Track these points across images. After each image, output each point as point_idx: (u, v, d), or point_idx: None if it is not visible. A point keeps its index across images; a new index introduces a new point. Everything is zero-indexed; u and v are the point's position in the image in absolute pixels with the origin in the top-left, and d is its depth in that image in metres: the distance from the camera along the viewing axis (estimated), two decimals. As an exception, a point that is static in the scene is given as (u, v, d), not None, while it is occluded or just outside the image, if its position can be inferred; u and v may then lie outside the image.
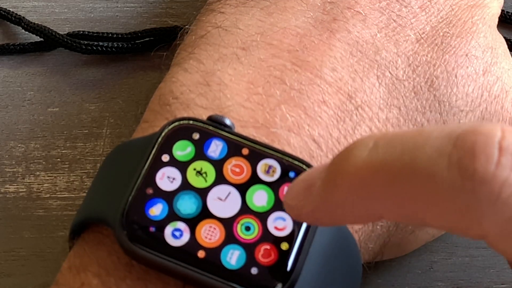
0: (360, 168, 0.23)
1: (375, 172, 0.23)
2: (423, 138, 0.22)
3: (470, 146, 0.21)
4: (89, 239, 0.30)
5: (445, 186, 0.21)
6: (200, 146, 0.30)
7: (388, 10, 0.34)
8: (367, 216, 0.24)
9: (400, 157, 0.22)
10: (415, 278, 0.37)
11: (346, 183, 0.23)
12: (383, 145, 0.23)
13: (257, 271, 0.28)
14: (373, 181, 0.23)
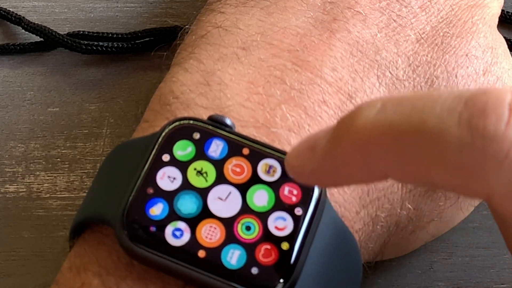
0: (367, 127, 0.23)
1: (383, 131, 0.23)
2: (433, 98, 0.23)
3: (481, 106, 0.22)
4: (89, 238, 0.30)
5: (454, 143, 0.22)
6: (201, 146, 0.30)
7: (388, 10, 0.34)
8: (371, 175, 0.24)
9: (409, 116, 0.23)
10: (415, 278, 0.37)
11: (352, 141, 0.24)
12: (391, 106, 0.23)
13: (257, 271, 0.28)
14: (381, 140, 0.23)
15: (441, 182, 0.23)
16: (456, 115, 0.22)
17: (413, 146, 0.23)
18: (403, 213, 0.33)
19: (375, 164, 0.24)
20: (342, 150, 0.24)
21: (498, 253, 0.38)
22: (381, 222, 0.32)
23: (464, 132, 0.22)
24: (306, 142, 0.26)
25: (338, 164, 0.24)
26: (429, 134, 0.22)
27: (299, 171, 0.25)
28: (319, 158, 0.25)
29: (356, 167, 0.24)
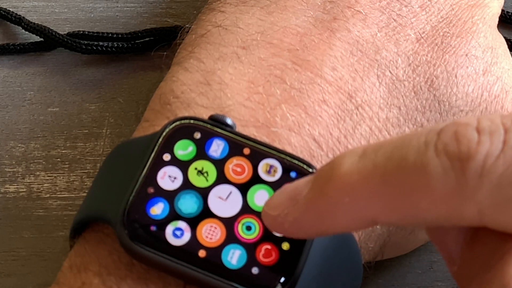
0: (352, 172, 0.24)
1: (368, 174, 0.24)
2: (409, 137, 0.24)
3: (453, 134, 0.24)
4: (90, 238, 0.30)
5: (436, 171, 0.23)
6: (202, 146, 0.30)
7: (388, 10, 0.34)
8: (358, 221, 0.25)
9: (391, 156, 0.24)
10: (415, 278, 0.37)
11: (338, 187, 0.25)
12: (372, 150, 0.25)
13: (258, 270, 0.28)
14: (367, 183, 0.24)
15: (430, 215, 0.24)
16: (432, 146, 0.24)
17: (399, 183, 0.24)
18: (403, 213, 0.33)
19: (362, 209, 0.25)
20: (327, 197, 0.25)
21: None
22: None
23: (443, 159, 0.23)
24: (283, 193, 0.26)
25: (323, 212, 0.25)
26: (412, 168, 0.24)
27: (280, 221, 0.26)
28: (302, 207, 0.25)
29: (342, 214, 0.25)
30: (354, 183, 0.24)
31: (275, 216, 0.26)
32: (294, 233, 0.26)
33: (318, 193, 0.25)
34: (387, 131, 0.32)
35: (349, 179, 0.24)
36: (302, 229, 0.26)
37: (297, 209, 0.26)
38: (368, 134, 0.32)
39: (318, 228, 0.26)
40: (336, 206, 0.25)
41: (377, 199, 0.24)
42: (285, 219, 0.26)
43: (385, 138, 0.32)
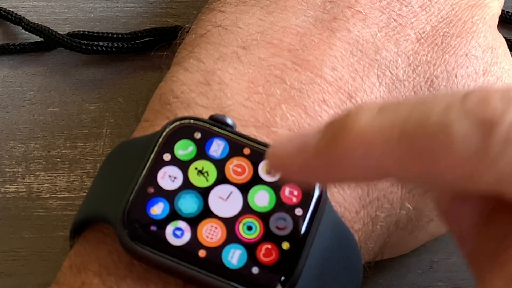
0: (369, 127, 0.24)
1: (385, 131, 0.24)
2: (430, 99, 0.24)
3: (480, 97, 0.23)
4: (90, 238, 0.30)
5: (459, 133, 0.23)
6: (202, 146, 0.30)
7: (388, 9, 0.34)
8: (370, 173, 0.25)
9: (410, 115, 0.23)
10: (415, 278, 0.37)
11: (352, 140, 0.24)
12: (391, 108, 0.24)
13: (258, 270, 0.28)
14: (382, 140, 0.24)
15: (448, 176, 0.23)
16: (456, 108, 0.23)
17: (419, 142, 0.23)
18: (403, 213, 0.33)
19: (375, 162, 0.24)
20: (340, 147, 0.24)
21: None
22: (380, 222, 0.32)
23: (468, 121, 0.23)
24: (292, 140, 0.26)
25: (333, 161, 0.25)
26: (433, 128, 0.23)
27: (287, 164, 0.25)
28: (312, 155, 0.25)
29: (354, 165, 0.24)
30: (370, 137, 0.24)
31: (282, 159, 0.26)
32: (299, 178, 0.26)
33: (330, 144, 0.25)
34: (387, 131, 0.32)
35: (366, 133, 0.24)
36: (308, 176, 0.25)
37: (307, 156, 0.25)
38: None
39: (325, 177, 0.25)
40: (348, 157, 0.24)
41: (393, 155, 0.24)
42: (292, 163, 0.25)
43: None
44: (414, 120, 0.23)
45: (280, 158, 0.26)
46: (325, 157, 0.25)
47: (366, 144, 0.24)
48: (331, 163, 0.25)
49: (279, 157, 0.26)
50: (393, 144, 0.24)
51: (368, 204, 0.32)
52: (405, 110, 0.24)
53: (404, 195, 0.33)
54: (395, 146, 0.24)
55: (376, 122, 0.24)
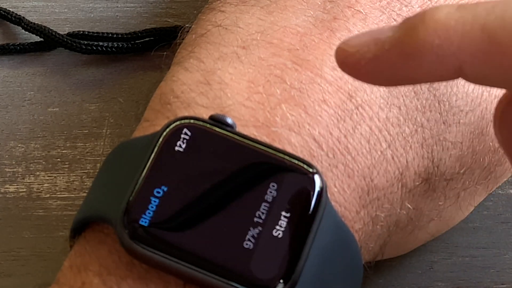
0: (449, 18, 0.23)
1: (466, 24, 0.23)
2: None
3: None
4: (90, 238, 0.30)
5: None
6: (202, 145, 0.30)
7: (388, 9, 0.34)
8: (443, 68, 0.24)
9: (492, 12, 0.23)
10: (415, 278, 0.37)
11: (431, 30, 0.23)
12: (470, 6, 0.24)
13: (258, 270, 0.28)
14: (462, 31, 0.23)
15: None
16: None
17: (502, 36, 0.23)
18: (403, 213, 0.33)
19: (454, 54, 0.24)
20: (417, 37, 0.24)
21: (498, 253, 0.38)
22: (381, 222, 0.32)
23: None
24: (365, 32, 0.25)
25: (411, 52, 0.24)
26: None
27: (357, 58, 0.24)
28: (387, 45, 0.24)
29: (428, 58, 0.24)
30: (452, 27, 0.23)
31: (352, 53, 0.25)
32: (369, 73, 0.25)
33: (408, 33, 0.24)
34: (387, 131, 0.32)
35: (447, 23, 0.23)
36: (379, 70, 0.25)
37: (381, 47, 0.24)
38: (368, 134, 0.32)
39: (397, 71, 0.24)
40: (426, 47, 0.24)
41: (473, 47, 0.23)
42: (362, 56, 0.24)
43: (385, 138, 0.32)
44: (496, 16, 0.23)
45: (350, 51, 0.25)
46: (402, 48, 0.24)
47: (446, 34, 0.23)
48: (408, 55, 0.24)
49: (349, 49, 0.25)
50: (474, 36, 0.23)
51: (368, 204, 0.32)
52: (486, 7, 0.23)
53: (404, 195, 0.33)
54: (477, 38, 0.23)
55: (456, 16, 0.24)
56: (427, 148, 0.33)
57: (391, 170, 0.32)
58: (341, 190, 0.31)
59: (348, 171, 0.31)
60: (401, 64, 0.24)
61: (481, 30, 0.23)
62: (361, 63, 0.25)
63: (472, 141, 0.34)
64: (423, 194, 0.34)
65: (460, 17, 0.24)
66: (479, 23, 0.23)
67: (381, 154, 0.32)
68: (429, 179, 0.33)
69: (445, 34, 0.24)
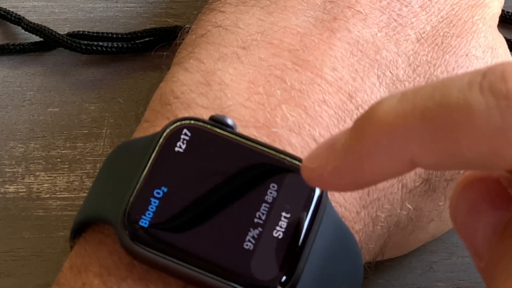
0: (391, 113, 0.24)
1: (408, 113, 0.24)
2: (450, 79, 0.24)
3: (500, 73, 0.23)
4: (90, 238, 0.30)
5: (480, 109, 0.23)
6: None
7: (388, 10, 0.34)
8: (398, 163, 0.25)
9: (431, 97, 0.24)
10: (415, 278, 0.37)
11: (377, 128, 0.24)
12: (411, 92, 0.24)
13: (258, 271, 0.28)
14: (407, 122, 0.24)
15: (471, 153, 0.23)
16: (477, 85, 0.23)
17: (440, 120, 0.23)
18: (403, 213, 0.33)
19: (401, 149, 0.24)
20: (366, 139, 0.24)
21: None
22: (381, 222, 0.32)
23: (488, 96, 0.23)
24: (322, 144, 0.26)
25: (362, 156, 0.24)
26: (454, 106, 0.23)
27: (319, 172, 0.25)
28: (341, 154, 0.25)
29: (381, 157, 0.24)
30: (392, 123, 0.24)
31: (315, 168, 0.25)
32: (334, 183, 0.26)
33: (356, 137, 0.25)
34: (387, 131, 0.32)
35: (387, 119, 0.24)
36: (341, 179, 0.25)
37: (336, 157, 0.25)
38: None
39: (357, 176, 0.25)
40: (375, 148, 0.24)
41: (416, 139, 0.24)
42: (324, 169, 0.25)
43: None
44: (435, 100, 0.23)
45: (312, 167, 0.26)
46: (354, 152, 0.25)
47: (390, 130, 0.24)
48: (361, 158, 0.25)
49: (311, 166, 0.26)
50: (415, 126, 0.24)
51: (369, 205, 0.32)
52: (425, 92, 0.24)
53: (404, 195, 0.33)
54: (418, 128, 0.24)
55: (397, 108, 0.24)
56: (427, 148, 0.33)
57: (392, 171, 0.32)
58: (341, 190, 0.31)
59: (348, 171, 0.31)
60: (359, 168, 0.25)
61: (421, 119, 0.24)
62: (324, 176, 0.25)
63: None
64: (423, 195, 0.34)
65: (401, 110, 0.24)
66: (419, 112, 0.24)
67: (381, 154, 0.32)
68: (429, 179, 0.33)
69: (389, 131, 0.24)
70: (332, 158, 0.25)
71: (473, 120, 0.23)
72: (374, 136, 0.24)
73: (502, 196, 0.26)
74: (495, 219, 0.25)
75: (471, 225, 0.26)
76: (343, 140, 0.25)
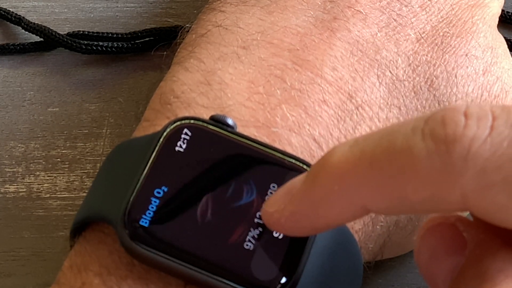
0: (342, 159, 0.25)
1: (356, 160, 0.25)
2: (397, 125, 0.25)
3: (440, 119, 0.24)
4: (90, 238, 0.30)
5: (422, 154, 0.24)
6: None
7: (388, 9, 0.34)
8: (350, 210, 0.25)
9: (379, 142, 0.25)
10: (415, 278, 0.37)
11: (329, 175, 0.25)
12: (362, 139, 0.25)
13: (258, 271, 0.28)
14: (356, 169, 0.25)
15: (417, 198, 0.24)
16: (419, 131, 0.24)
17: (385, 167, 0.24)
18: (403, 213, 0.33)
19: (352, 196, 0.25)
20: (319, 186, 0.25)
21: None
22: (381, 222, 0.32)
23: (429, 142, 0.24)
24: (280, 190, 0.27)
25: (316, 202, 0.26)
26: (398, 152, 0.24)
27: (277, 216, 0.26)
28: (297, 199, 0.26)
29: (334, 204, 0.25)
30: (343, 169, 0.25)
31: (273, 213, 0.26)
32: (290, 228, 0.27)
33: (311, 184, 0.26)
34: (387, 131, 0.32)
35: (339, 166, 0.25)
36: (298, 224, 0.26)
37: (292, 202, 0.26)
38: None
39: (313, 221, 0.26)
40: (327, 195, 0.25)
41: (365, 184, 0.25)
42: (281, 214, 0.26)
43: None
44: (382, 147, 0.24)
45: (270, 212, 0.27)
46: (309, 198, 0.26)
47: (341, 177, 0.25)
48: (315, 204, 0.26)
49: (269, 210, 0.27)
50: (365, 172, 0.25)
51: (368, 204, 0.32)
52: (374, 139, 0.25)
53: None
54: (367, 174, 0.25)
55: (348, 155, 0.25)
56: (427, 148, 0.33)
57: (391, 170, 0.32)
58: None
59: (348, 171, 0.31)
60: (315, 213, 0.26)
61: (369, 165, 0.25)
62: (281, 221, 0.26)
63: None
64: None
65: (351, 157, 0.25)
66: (368, 158, 0.25)
67: (381, 154, 0.32)
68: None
69: (340, 178, 0.25)
70: (289, 203, 0.26)
71: (416, 165, 0.24)
72: (327, 183, 0.25)
73: (458, 241, 0.26)
74: (452, 264, 0.26)
75: (432, 269, 0.27)
76: (299, 186, 0.26)
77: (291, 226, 0.26)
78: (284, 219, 0.26)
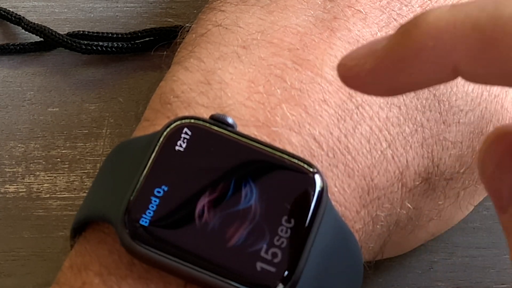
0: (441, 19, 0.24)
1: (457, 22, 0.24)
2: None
3: None
4: (90, 237, 0.30)
5: None
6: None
7: (388, 9, 0.34)
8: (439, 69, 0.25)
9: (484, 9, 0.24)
10: (415, 278, 0.37)
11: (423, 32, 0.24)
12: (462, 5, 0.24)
13: (259, 270, 0.28)
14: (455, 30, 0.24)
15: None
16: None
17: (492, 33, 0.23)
18: (403, 212, 0.33)
19: (447, 54, 0.24)
20: (411, 41, 0.24)
21: (498, 253, 0.38)
22: (381, 221, 0.33)
23: None
24: (362, 46, 0.25)
25: (403, 58, 0.24)
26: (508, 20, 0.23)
27: (357, 70, 0.25)
28: (382, 55, 0.25)
29: (423, 61, 0.24)
30: (442, 28, 0.24)
31: (352, 66, 0.25)
32: (367, 85, 0.26)
33: (402, 39, 0.25)
34: (387, 130, 0.32)
35: (437, 24, 0.24)
36: (377, 80, 0.25)
37: (376, 57, 0.25)
38: (368, 133, 0.32)
39: (394, 80, 0.25)
40: (418, 51, 0.24)
41: (465, 46, 0.24)
42: (362, 68, 0.25)
43: (385, 137, 0.32)
44: (488, 12, 0.24)
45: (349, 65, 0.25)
46: (396, 53, 0.25)
47: (438, 35, 0.24)
48: (403, 60, 0.24)
49: (348, 63, 0.25)
50: (465, 35, 0.24)
51: (369, 204, 0.32)
52: (477, 5, 0.24)
53: (404, 194, 0.33)
54: (468, 37, 0.24)
55: (448, 15, 0.24)
56: (427, 148, 0.33)
57: (391, 170, 0.32)
58: (341, 190, 0.31)
59: (348, 170, 0.31)
60: (399, 70, 0.25)
61: (472, 28, 0.24)
62: (360, 76, 0.25)
63: (472, 140, 0.34)
64: (423, 194, 0.34)
65: (451, 17, 0.24)
66: (470, 21, 0.24)
67: (381, 153, 0.32)
68: (429, 178, 0.33)
69: (437, 35, 0.24)
70: (372, 59, 0.25)
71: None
72: (422, 39, 0.24)
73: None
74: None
75: (497, 178, 0.26)
76: (386, 42, 0.25)
77: (369, 82, 0.25)
78: (365, 74, 0.25)
